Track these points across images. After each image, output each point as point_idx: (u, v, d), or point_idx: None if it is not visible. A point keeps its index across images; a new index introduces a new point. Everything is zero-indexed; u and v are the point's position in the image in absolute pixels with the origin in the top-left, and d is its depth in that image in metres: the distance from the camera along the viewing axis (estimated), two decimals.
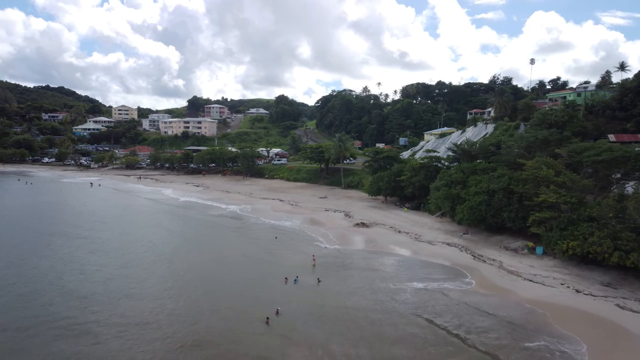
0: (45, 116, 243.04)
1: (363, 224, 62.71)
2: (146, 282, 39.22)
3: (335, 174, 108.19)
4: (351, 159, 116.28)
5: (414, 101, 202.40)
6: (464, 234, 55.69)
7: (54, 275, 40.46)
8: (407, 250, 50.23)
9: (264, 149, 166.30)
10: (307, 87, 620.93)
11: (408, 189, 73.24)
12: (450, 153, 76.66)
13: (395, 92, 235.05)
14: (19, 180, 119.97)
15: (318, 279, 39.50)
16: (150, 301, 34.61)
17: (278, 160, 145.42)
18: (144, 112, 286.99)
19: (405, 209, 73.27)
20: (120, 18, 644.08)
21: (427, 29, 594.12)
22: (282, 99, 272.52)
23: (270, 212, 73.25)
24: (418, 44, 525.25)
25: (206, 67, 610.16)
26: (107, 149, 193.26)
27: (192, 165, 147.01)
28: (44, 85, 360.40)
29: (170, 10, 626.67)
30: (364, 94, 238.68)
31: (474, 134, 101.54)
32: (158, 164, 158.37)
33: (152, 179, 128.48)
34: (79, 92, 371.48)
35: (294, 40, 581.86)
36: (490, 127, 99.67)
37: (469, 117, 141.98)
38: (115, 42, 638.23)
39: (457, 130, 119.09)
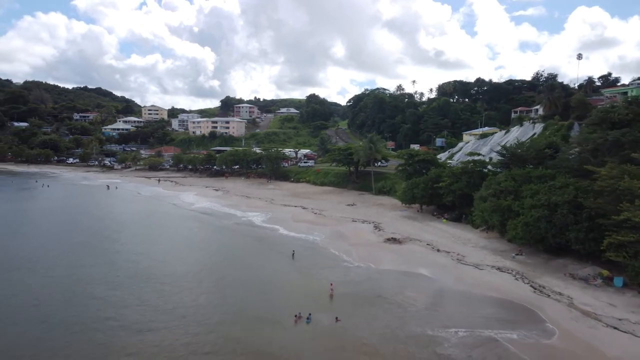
0: (76, 116, 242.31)
1: (394, 240, 53.89)
2: (129, 309, 33.09)
3: (365, 178, 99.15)
4: (383, 161, 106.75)
5: (451, 100, 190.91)
6: (516, 254, 46.32)
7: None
8: (448, 277, 41.04)
9: (292, 149, 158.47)
10: (340, 87, 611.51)
11: (447, 198, 63.89)
12: (496, 155, 66.70)
13: (431, 90, 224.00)
14: (36, 182, 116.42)
15: (336, 317, 31.52)
16: (132, 334, 29.08)
17: (305, 162, 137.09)
18: (175, 112, 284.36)
19: (444, 220, 64.00)
20: (158, 20, 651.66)
21: (464, 26, 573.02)
22: (312, 98, 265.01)
23: (290, 223, 65.24)
24: (454, 42, 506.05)
25: (241, 67, 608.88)
26: (133, 149, 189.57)
27: (214, 167, 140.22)
28: (82, 86, 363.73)
29: (206, 12, 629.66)
30: (398, 92, 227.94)
31: (520, 134, 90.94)
32: (181, 165, 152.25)
33: (171, 181, 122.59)
34: (117, 93, 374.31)
35: (327, 40, 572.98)
36: (538, 127, 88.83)
37: (513, 115, 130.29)
38: (153, 44, 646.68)
39: (500, 130, 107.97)
